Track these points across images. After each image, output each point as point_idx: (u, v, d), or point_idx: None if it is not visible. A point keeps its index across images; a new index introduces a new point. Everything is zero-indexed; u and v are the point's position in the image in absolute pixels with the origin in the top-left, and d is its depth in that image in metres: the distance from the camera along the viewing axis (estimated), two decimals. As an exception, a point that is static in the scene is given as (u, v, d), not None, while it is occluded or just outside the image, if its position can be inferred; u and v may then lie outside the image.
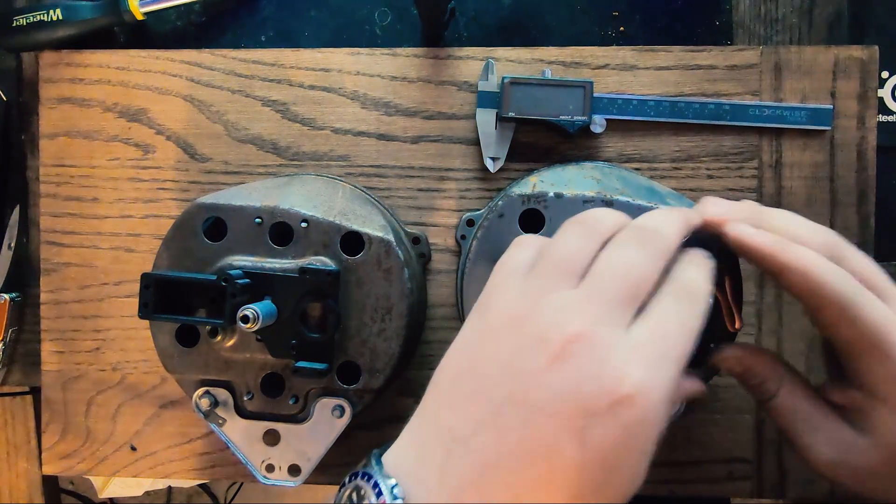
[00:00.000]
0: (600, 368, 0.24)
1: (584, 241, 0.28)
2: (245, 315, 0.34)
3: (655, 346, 0.25)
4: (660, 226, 0.29)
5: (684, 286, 0.28)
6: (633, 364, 0.24)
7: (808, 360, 0.45)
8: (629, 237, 0.28)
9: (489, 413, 0.25)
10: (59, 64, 0.47)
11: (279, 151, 0.46)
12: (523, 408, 0.25)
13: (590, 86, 0.43)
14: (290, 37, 0.48)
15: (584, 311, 0.25)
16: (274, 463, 0.39)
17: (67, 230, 0.47)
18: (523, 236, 0.32)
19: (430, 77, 0.45)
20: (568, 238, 0.29)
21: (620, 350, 0.25)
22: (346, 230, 0.38)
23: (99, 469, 0.48)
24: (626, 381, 0.24)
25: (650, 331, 0.26)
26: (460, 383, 0.27)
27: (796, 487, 0.45)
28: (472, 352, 0.28)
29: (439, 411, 0.27)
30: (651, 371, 0.25)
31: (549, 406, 0.24)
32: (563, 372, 0.25)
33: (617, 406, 0.24)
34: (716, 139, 0.44)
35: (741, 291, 0.35)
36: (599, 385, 0.24)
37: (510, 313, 0.27)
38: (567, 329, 0.25)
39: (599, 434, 0.24)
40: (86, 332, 0.47)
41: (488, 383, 0.26)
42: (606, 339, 0.25)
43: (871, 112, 0.44)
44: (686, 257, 0.30)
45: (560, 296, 0.26)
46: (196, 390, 0.39)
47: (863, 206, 0.44)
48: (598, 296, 0.26)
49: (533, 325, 0.26)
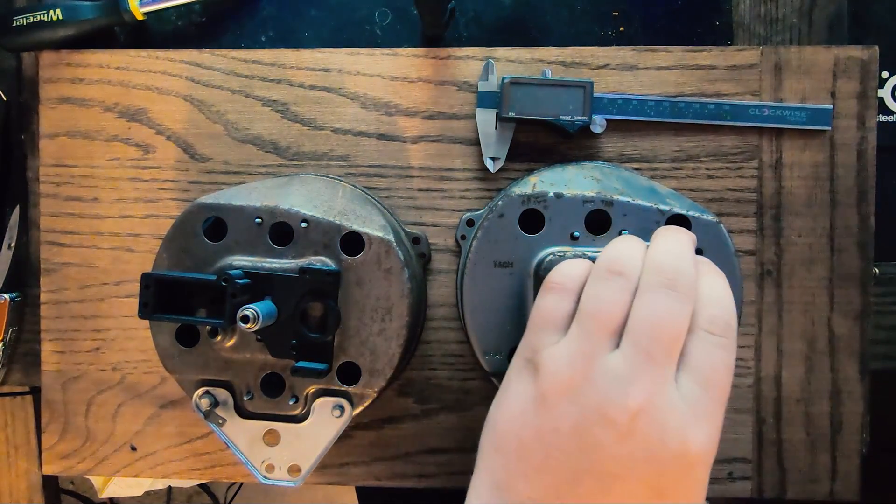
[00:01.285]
0: (665, 435, 0.27)
1: (619, 295, 0.30)
2: (245, 315, 0.34)
3: (706, 397, 0.28)
4: (679, 264, 0.30)
5: (716, 321, 0.29)
6: (693, 425, 0.27)
7: (808, 361, 0.45)
8: (656, 284, 0.29)
9: (566, 483, 0.27)
10: (59, 64, 0.47)
11: (279, 151, 0.46)
12: (600, 478, 0.27)
13: (590, 86, 0.43)
14: (290, 37, 0.48)
15: (638, 380, 0.27)
16: (274, 463, 0.39)
17: (67, 230, 0.47)
18: (552, 277, 0.33)
19: (430, 77, 0.45)
20: (605, 295, 0.30)
21: (677, 411, 0.27)
22: (346, 230, 0.38)
23: (99, 469, 0.48)
24: (692, 445, 0.27)
25: (697, 383, 0.28)
26: (529, 454, 0.28)
27: (796, 487, 0.45)
28: (534, 421, 0.29)
29: (513, 482, 0.29)
30: (708, 425, 0.27)
31: (624, 474, 0.27)
32: (632, 445, 0.27)
33: (687, 467, 0.27)
34: (716, 139, 0.44)
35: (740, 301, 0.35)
36: (668, 452, 0.27)
37: (565, 380, 0.29)
38: (628, 404, 0.27)
39: (674, 491, 0.27)
40: (86, 332, 0.47)
41: (559, 456, 0.28)
42: (663, 403, 0.27)
43: (871, 112, 0.44)
44: (706, 277, 0.31)
45: (610, 363, 0.28)
46: (196, 390, 0.39)
47: (863, 206, 0.44)
48: (644, 358, 0.28)
49: (592, 396, 0.28)
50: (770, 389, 0.45)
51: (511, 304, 0.38)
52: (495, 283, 0.38)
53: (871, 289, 0.44)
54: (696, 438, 0.27)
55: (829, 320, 0.45)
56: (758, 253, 0.45)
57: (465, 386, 0.46)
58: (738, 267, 0.38)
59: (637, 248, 0.32)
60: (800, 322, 0.45)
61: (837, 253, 0.44)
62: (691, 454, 0.27)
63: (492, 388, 0.45)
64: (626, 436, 0.27)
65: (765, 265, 0.45)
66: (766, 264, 0.45)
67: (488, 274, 0.38)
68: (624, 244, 0.32)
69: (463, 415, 0.46)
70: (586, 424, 0.27)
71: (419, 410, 0.46)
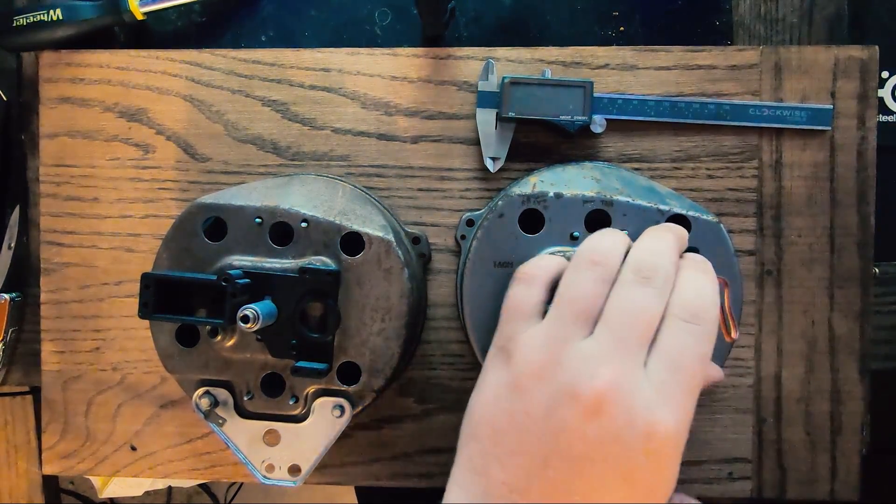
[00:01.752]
0: (632, 416, 0.27)
1: (597, 285, 0.30)
2: (245, 315, 0.34)
3: (673, 380, 0.28)
4: (658, 261, 0.30)
5: (688, 307, 0.29)
6: (660, 406, 0.27)
7: (808, 361, 0.45)
8: (632, 279, 0.30)
9: (538, 466, 0.28)
10: (59, 64, 0.47)
11: (279, 151, 0.46)
12: (569, 460, 0.27)
13: (590, 86, 0.43)
14: (290, 37, 0.48)
15: (607, 362, 0.28)
16: (274, 463, 0.39)
17: (67, 230, 0.47)
18: (522, 268, 0.34)
19: (430, 77, 0.45)
20: (582, 283, 0.30)
21: (644, 393, 0.27)
22: (346, 230, 0.38)
23: (99, 469, 0.48)
24: (659, 426, 0.27)
25: (664, 366, 0.28)
26: (503, 438, 0.29)
27: (796, 487, 0.45)
28: (507, 406, 0.29)
29: (488, 467, 0.29)
30: (676, 409, 0.27)
31: (593, 455, 0.27)
32: (599, 425, 0.27)
33: (655, 448, 0.27)
34: (716, 139, 0.44)
35: (740, 301, 0.35)
36: (635, 433, 0.27)
37: (537, 364, 0.29)
38: (595, 383, 0.27)
39: (643, 476, 0.27)
40: (86, 332, 0.47)
41: (530, 438, 0.28)
42: (631, 385, 0.27)
43: (871, 112, 0.44)
44: (686, 271, 0.31)
45: (582, 346, 0.29)
46: (196, 390, 0.39)
47: (863, 206, 0.44)
48: (616, 343, 0.28)
49: (562, 378, 0.28)
50: (770, 389, 0.45)
51: (511, 304, 0.38)
52: (495, 283, 0.38)
53: (871, 289, 0.44)
54: (663, 419, 0.27)
55: (829, 320, 0.45)
56: (758, 253, 0.45)
57: (465, 386, 0.46)
58: (738, 267, 0.38)
59: (618, 240, 0.32)
60: (800, 322, 0.45)
61: (837, 253, 0.44)
62: (658, 436, 0.27)
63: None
64: (592, 415, 0.27)
65: (765, 265, 0.45)
66: (766, 264, 0.45)
67: (488, 274, 0.38)
68: (606, 236, 0.32)
69: (463, 415, 0.46)
70: (555, 405, 0.28)
71: (419, 410, 0.46)
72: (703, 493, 0.45)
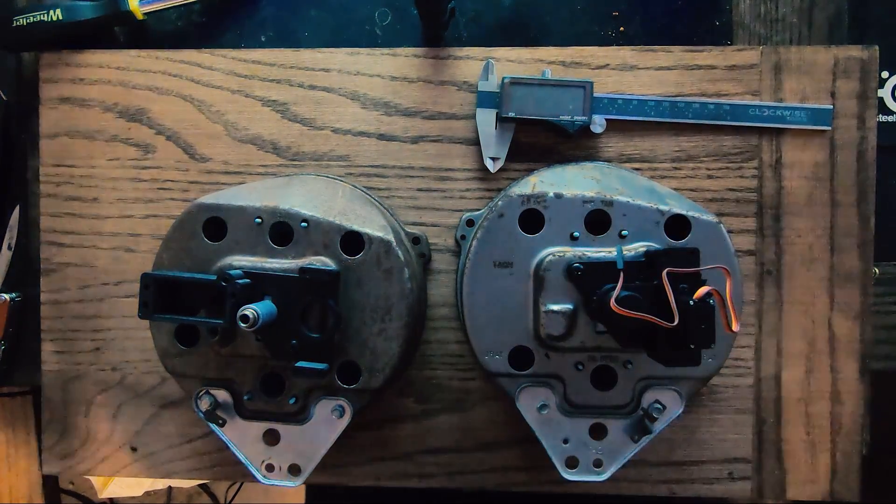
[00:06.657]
0: None
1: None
2: (245, 315, 0.33)
3: None
4: None
5: None
6: None
7: (808, 361, 0.45)
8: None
9: None
10: (59, 64, 0.47)
11: (279, 151, 0.46)
12: None
13: (590, 86, 0.43)
14: (290, 37, 0.48)
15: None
16: (274, 463, 0.39)
17: (67, 230, 0.47)
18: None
19: (430, 77, 0.45)
20: None
21: None
22: (346, 230, 0.38)
23: (99, 469, 0.48)
24: None
25: None
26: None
27: (796, 487, 0.45)
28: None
29: None
30: None
31: None
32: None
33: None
34: (716, 139, 0.44)
35: (740, 294, 0.35)
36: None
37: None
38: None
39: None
40: (86, 332, 0.47)
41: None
42: None
43: (871, 112, 0.44)
44: None
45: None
46: (196, 390, 0.39)
47: (863, 206, 0.44)
48: None
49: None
50: (770, 389, 0.45)
51: (511, 304, 0.38)
52: (495, 283, 0.38)
53: (871, 289, 0.44)
54: None
55: (829, 320, 0.45)
56: (758, 253, 0.45)
57: (465, 386, 0.46)
58: (737, 267, 0.38)
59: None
60: (800, 322, 0.45)
61: (837, 253, 0.44)
62: None
63: (491, 388, 0.45)
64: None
65: (765, 265, 0.45)
66: (766, 264, 0.45)
67: (488, 274, 0.38)
68: None
69: (463, 415, 0.46)
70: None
71: (419, 410, 0.46)
72: (703, 493, 0.45)
